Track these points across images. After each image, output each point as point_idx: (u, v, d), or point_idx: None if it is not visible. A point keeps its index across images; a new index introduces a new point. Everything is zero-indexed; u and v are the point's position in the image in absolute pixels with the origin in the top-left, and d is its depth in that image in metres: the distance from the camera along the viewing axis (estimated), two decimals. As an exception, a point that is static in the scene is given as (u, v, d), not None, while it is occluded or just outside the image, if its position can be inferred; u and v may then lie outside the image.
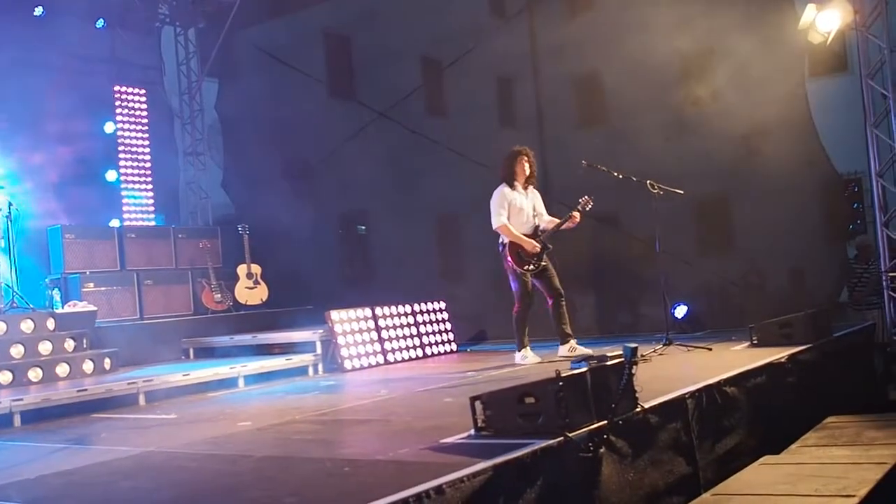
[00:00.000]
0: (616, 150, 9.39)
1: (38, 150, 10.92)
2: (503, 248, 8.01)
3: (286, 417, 5.85)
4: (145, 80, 13.46)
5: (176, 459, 4.69)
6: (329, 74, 13.15)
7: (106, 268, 10.88)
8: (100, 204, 12.19)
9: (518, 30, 11.41)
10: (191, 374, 8.06)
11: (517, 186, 8.11)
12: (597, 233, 10.45)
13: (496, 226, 8.00)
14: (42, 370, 8.04)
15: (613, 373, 4.47)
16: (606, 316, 10.69)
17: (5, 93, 11.32)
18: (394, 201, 11.67)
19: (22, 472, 4.63)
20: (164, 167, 13.49)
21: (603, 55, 10.22)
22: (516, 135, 11.34)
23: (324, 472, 3.99)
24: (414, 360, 9.62)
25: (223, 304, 11.41)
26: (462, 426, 4.56)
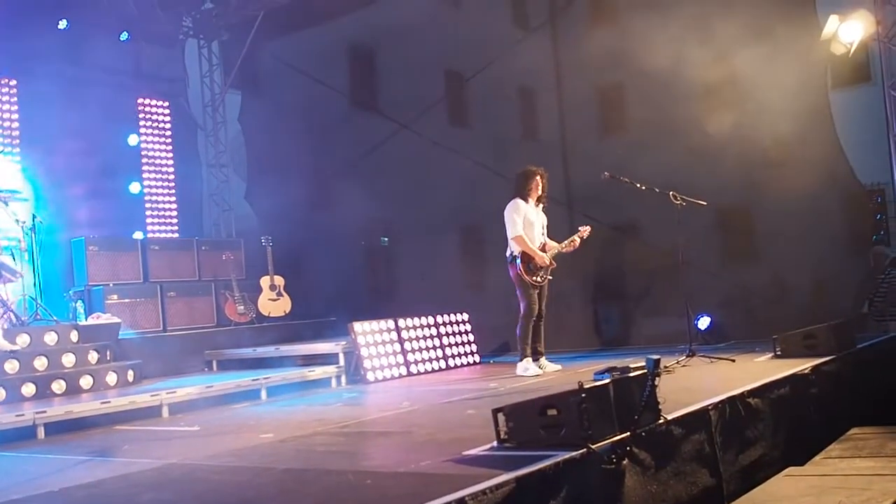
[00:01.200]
0: (638, 161, 9.35)
1: (62, 161, 11.03)
2: (514, 257, 8.23)
3: (309, 429, 5.85)
4: (169, 92, 13.56)
5: (198, 472, 4.70)
6: (352, 86, 13.21)
7: (129, 280, 10.95)
8: (123, 216, 12.28)
9: (540, 41, 11.42)
10: (214, 385, 8.09)
11: (530, 202, 8.35)
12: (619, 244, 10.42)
13: (512, 235, 8.21)
14: (65, 382, 8.08)
15: (636, 384, 4.44)
16: (629, 327, 10.63)
17: (30, 105, 11.46)
18: (416, 213, 11.68)
19: (45, 484, 4.65)
20: (187, 179, 13.59)
21: (625, 67, 10.20)
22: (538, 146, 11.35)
23: (346, 485, 3.98)
24: (437, 371, 9.61)
25: (246, 316, 11.45)
26: (485, 438, 4.54)
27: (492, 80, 11.53)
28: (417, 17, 11.79)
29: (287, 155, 12.90)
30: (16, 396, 7.64)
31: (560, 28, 11.38)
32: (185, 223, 13.37)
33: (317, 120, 12.69)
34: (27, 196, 10.49)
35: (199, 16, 13.97)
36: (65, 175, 11.03)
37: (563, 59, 11.32)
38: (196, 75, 14.12)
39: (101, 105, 11.78)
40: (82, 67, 11.79)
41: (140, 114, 13.08)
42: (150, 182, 13.03)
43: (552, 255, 8.32)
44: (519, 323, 8.26)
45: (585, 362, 8.74)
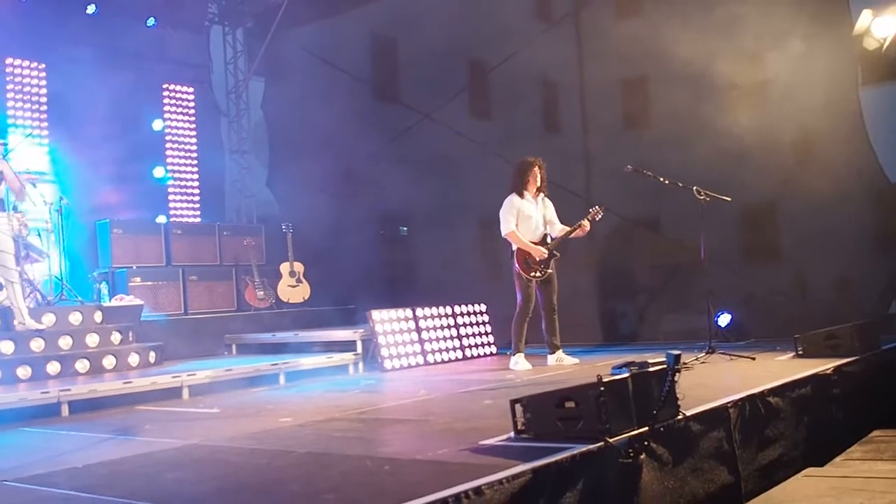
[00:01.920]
0: (661, 155, 9.31)
1: (88, 145, 11.13)
2: (512, 254, 8.26)
3: (326, 415, 5.90)
4: (194, 78, 13.66)
5: (218, 453, 4.75)
6: (374, 76, 13.23)
7: (152, 263, 11.07)
8: (147, 200, 12.40)
9: (564, 33, 11.37)
10: (233, 369, 8.17)
11: (527, 196, 8.30)
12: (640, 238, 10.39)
13: (505, 232, 8.25)
14: (89, 362, 8.20)
15: (655, 379, 4.43)
16: (648, 323, 10.60)
17: (57, 89, 11.58)
18: (436, 203, 11.70)
19: (69, 460, 4.72)
20: (210, 165, 13.68)
21: (650, 60, 10.14)
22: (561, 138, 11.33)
23: (364, 470, 4.02)
24: (454, 361, 9.64)
25: (266, 302, 11.54)
26: (501, 428, 4.56)
27: (514, 71, 11.50)
28: (440, 7, 11.78)
29: (309, 143, 12.95)
30: (41, 374, 7.77)
31: (584, 20, 11.33)
32: (208, 208, 13.47)
33: (339, 108, 12.73)
34: (54, 178, 10.62)
35: (224, 2, 14.05)
36: (90, 158, 11.13)
37: (586, 52, 11.27)
38: (220, 62, 14.20)
39: (126, 90, 11.87)
40: (109, 52, 11.87)
41: (165, 99, 13.19)
42: (174, 167, 13.13)
43: (554, 245, 8.26)
44: (514, 318, 8.27)
45: (603, 356, 8.74)
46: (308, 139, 13.01)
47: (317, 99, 13.07)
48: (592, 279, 10.97)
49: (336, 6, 12.97)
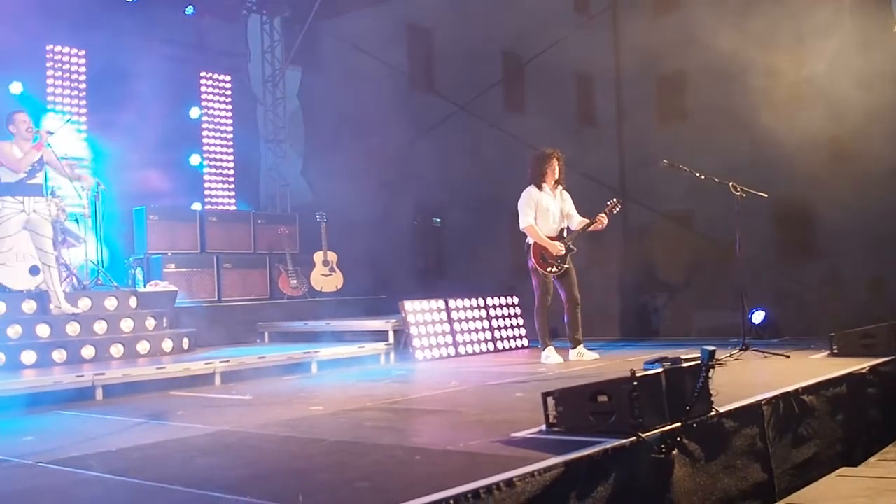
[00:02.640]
0: (697, 150, 9.23)
1: (125, 132, 11.24)
2: (528, 247, 8.19)
3: (358, 404, 5.92)
4: (231, 66, 13.74)
5: (250, 439, 4.78)
6: (410, 66, 13.23)
7: (187, 249, 11.16)
8: (183, 187, 12.51)
9: (601, 27, 11.30)
10: (266, 357, 8.22)
11: (545, 188, 8.23)
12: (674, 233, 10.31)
13: (523, 226, 8.18)
14: (124, 347, 8.29)
15: (689, 375, 4.40)
16: (682, 318, 10.53)
17: (96, 76, 11.72)
18: (469, 195, 11.69)
19: (103, 444, 4.78)
20: (245, 153, 13.78)
21: (687, 55, 10.05)
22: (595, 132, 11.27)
23: (395, 460, 4.03)
24: (485, 353, 9.64)
25: (299, 290, 11.60)
26: (533, 421, 4.55)
27: (550, 64, 11.45)
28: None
29: (344, 132, 12.99)
30: (76, 358, 7.87)
31: (621, 14, 11.25)
32: (243, 196, 13.57)
33: (374, 98, 12.75)
34: (92, 164, 10.75)
35: (263, -8, 14.10)
36: (128, 144, 11.25)
37: (623, 46, 11.19)
38: (258, 51, 14.28)
39: (164, 77, 11.96)
40: (148, 40, 11.99)
41: (202, 87, 13.29)
42: (210, 154, 13.24)
43: (571, 239, 8.20)
44: (534, 313, 8.25)
45: (635, 351, 8.69)
46: (343, 129, 13.05)
47: (352, 88, 13.11)
48: (624, 273, 10.91)
49: (373, -5, 13.00)
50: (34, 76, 11.26)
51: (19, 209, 8.01)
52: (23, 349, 7.64)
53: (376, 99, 12.70)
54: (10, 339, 7.77)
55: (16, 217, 8.02)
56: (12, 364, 7.49)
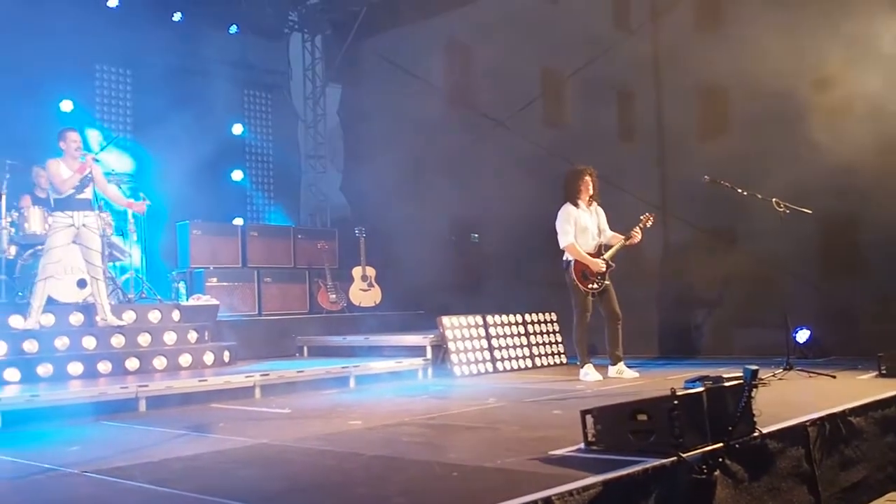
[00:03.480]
0: (740, 165, 9.13)
1: (170, 148, 11.46)
2: (568, 265, 8.14)
3: (396, 419, 5.93)
4: (273, 84, 13.96)
5: (289, 453, 4.81)
6: (449, 83, 13.28)
7: (229, 264, 11.30)
8: (225, 202, 12.69)
9: (641, 41, 11.23)
10: (305, 371, 8.27)
11: (580, 205, 8.22)
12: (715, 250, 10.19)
13: (564, 244, 8.14)
14: (166, 359, 8.40)
15: (731, 394, 4.34)
16: (723, 337, 10.38)
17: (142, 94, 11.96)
18: (508, 210, 11.66)
19: (146, 454, 4.84)
20: (286, 169, 13.94)
21: (729, 68, 9.94)
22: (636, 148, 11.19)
23: (432, 475, 4.02)
24: (523, 370, 9.61)
25: (338, 305, 11.67)
26: (571, 439, 4.52)
27: (590, 79, 11.41)
28: (516, 15, 11.77)
29: (383, 148, 13.07)
30: (120, 370, 8.00)
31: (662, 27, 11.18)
32: (283, 211, 13.72)
33: (413, 115, 12.82)
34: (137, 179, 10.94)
35: (304, 10, 14.31)
36: (172, 160, 11.46)
37: (663, 60, 11.12)
38: (299, 68, 14.48)
39: (208, 95, 12.20)
40: (192, 58, 12.23)
41: (244, 104, 13.47)
42: (252, 170, 13.40)
43: (610, 256, 8.16)
44: (573, 330, 8.22)
45: (675, 370, 8.59)
46: (382, 145, 13.13)
47: (392, 105, 13.19)
48: (664, 291, 10.80)
49: (413, 14, 13.08)
50: (84, 94, 11.53)
51: (68, 223, 8.15)
52: (70, 360, 7.79)
53: (415, 115, 12.76)
54: (58, 350, 7.93)
55: (65, 230, 8.15)
56: (60, 375, 7.63)
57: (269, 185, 13.77)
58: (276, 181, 13.83)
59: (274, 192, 13.81)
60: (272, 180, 13.79)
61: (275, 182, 13.82)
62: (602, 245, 8.25)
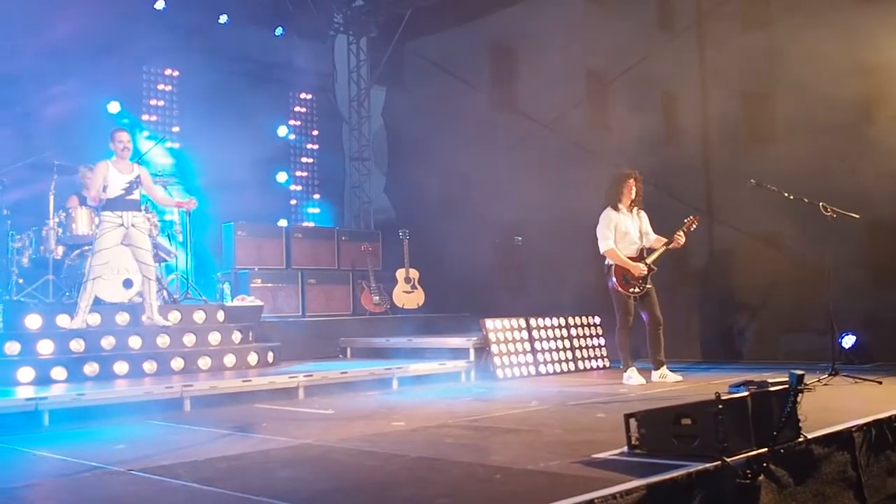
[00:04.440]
0: (786, 169, 9.00)
1: (215, 149, 11.61)
2: (609, 269, 8.14)
3: (438, 421, 5.94)
4: (318, 86, 14.05)
5: (333, 453, 4.85)
6: (493, 85, 13.27)
7: (273, 265, 11.41)
8: (270, 204, 12.81)
9: (686, 44, 11.13)
10: (348, 372, 8.33)
11: (622, 209, 8.20)
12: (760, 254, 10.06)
13: (603, 250, 8.15)
14: (211, 359, 8.50)
15: (776, 399, 4.29)
16: (767, 342, 10.24)
17: (189, 94, 12.15)
18: (551, 213, 11.62)
19: (191, 453, 4.91)
20: (331, 170, 14.04)
21: (776, 71, 9.83)
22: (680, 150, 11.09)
23: (475, 478, 4.03)
24: (566, 373, 9.57)
25: (381, 307, 11.73)
26: (614, 443, 4.50)
27: (634, 82, 11.33)
28: (560, 17, 11.74)
29: (427, 150, 13.10)
30: (166, 369, 8.11)
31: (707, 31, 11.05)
32: (327, 213, 13.83)
33: (457, 117, 12.84)
34: (183, 180, 11.11)
35: (349, 13, 14.41)
36: (217, 162, 11.60)
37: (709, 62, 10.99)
38: (344, 70, 14.57)
39: (253, 97, 12.35)
40: (238, 60, 12.37)
41: (290, 106, 13.60)
42: (296, 172, 13.53)
43: (652, 260, 8.12)
44: (616, 334, 8.20)
45: (719, 374, 8.50)
46: (426, 147, 13.17)
47: (436, 107, 13.22)
48: (708, 295, 10.68)
49: (457, 17, 13.11)
50: (131, 96, 11.72)
51: (117, 223, 8.24)
52: (116, 360, 7.92)
53: (459, 117, 12.77)
54: (104, 349, 8.07)
55: (113, 231, 8.25)
56: (106, 374, 7.77)
57: (314, 187, 13.88)
58: (321, 183, 13.94)
59: (318, 194, 13.91)
60: (317, 182, 13.91)
61: (319, 184, 13.93)
62: (645, 249, 8.21)
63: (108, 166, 8.28)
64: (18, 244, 9.13)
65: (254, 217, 11.88)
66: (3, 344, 7.75)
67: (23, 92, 10.27)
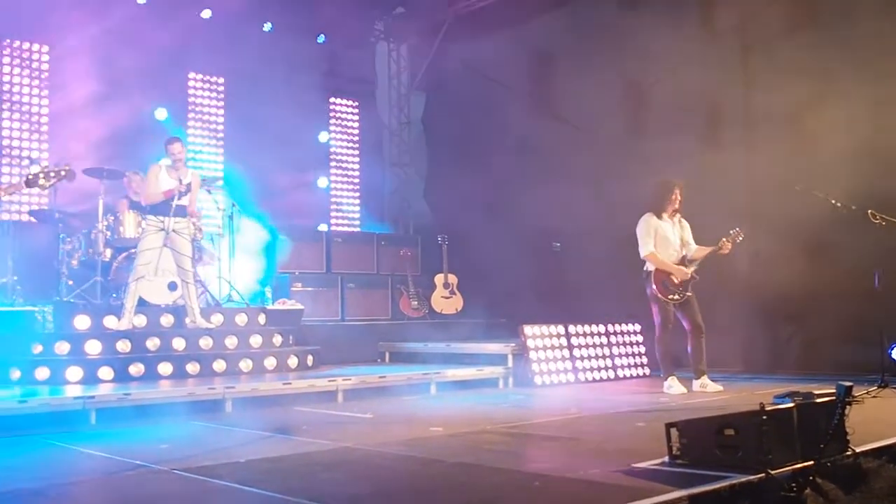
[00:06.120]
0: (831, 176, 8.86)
1: (257, 154, 11.75)
2: (648, 275, 8.05)
3: (477, 427, 5.94)
4: (358, 92, 14.16)
5: (371, 457, 4.87)
6: (532, 91, 13.24)
7: (313, 269, 11.49)
8: (311, 208, 12.93)
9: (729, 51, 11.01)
10: (387, 376, 8.36)
11: (664, 216, 8.12)
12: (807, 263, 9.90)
13: (644, 254, 8.07)
14: (252, 361, 8.59)
15: (822, 411, 4.22)
16: (812, 352, 10.07)
17: (233, 102, 12.30)
18: (591, 219, 11.56)
19: (232, 454, 4.96)
20: (370, 176, 14.12)
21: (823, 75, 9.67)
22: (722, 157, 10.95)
23: (514, 484, 4.02)
24: (605, 381, 9.51)
25: (419, 312, 11.75)
26: (654, 452, 4.46)
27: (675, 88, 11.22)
28: (601, 22, 11.68)
29: (466, 156, 13.11)
30: (208, 371, 8.21)
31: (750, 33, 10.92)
32: (367, 218, 13.90)
33: (496, 122, 12.82)
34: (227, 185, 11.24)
35: (390, 20, 14.49)
36: (260, 167, 11.73)
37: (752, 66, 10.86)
38: (384, 77, 14.63)
39: (296, 103, 12.47)
40: (281, 67, 12.50)
41: (331, 112, 13.72)
42: (337, 177, 13.63)
43: (693, 268, 8.03)
44: (655, 342, 8.12)
45: (762, 385, 8.39)
46: (465, 152, 13.18)
47: (475, 113, 13.22)
48: (751, 303, 10.52)
49: (497, 23, 13.10)
50: (177, 102, 11.90)
51: (159, 226, 8.40)
52: (160, 360, 8.04)
53: (498, 123, 12.76)
54: (149, 350, 8.19)
55: (156, 234, 8.40)
56: (150, 374, 7.89)
57: (354, 193, 13.96)
58: (361, 188, 14.02)
59: (358, 199, 14.00)
60: (357, 187, 13.99)
61: (359, 189, 14.02)
62: (686, 258, 8.12)
63: (160, 168, 8.42)
64: (68, 247, 9.32)
65: (295, 221, 11.98)
66: (54, 343, 7.91)
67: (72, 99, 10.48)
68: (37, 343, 7.95)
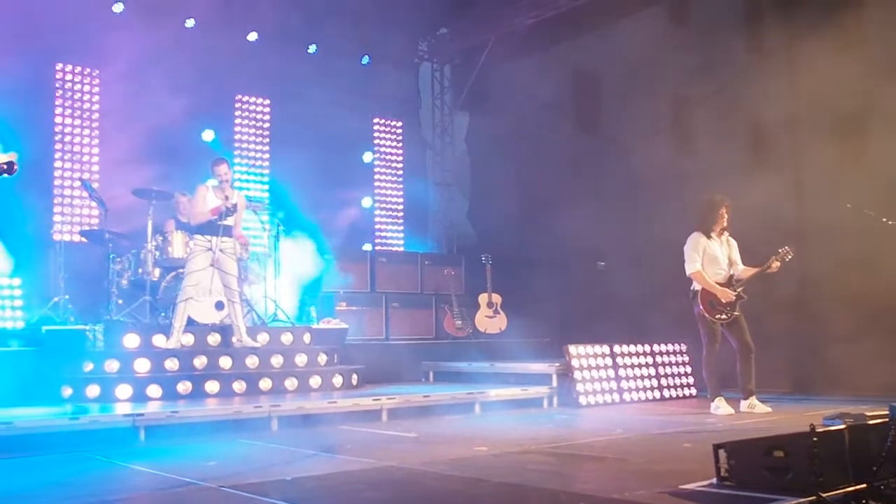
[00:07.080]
0: (882, 193, 8.71)
1: (302, 174, 11.88)
2: (695, 294, 7.99)
3: (521, 446, 5.92)
4: (402, 112, 14.28)
5: (416, 476, 4.87)
6: (576, 110, 13.23)
7: (358, 289, 11.56)
8: (355, 228, 13.03)
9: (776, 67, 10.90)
10: (431, 396, 8.36)
11: (712, 235, 8.06)
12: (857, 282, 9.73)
13: (690, 272, 8.02)
14: (297, 380, 8.67)
15: (874, 433, 4.14)
16: (863, 373, 9.86)
17: (279, 123, 12.48)
18: (636, 238, 11.48)
19: (279, 472, 5.01)
20: (414, 195, 14.20)
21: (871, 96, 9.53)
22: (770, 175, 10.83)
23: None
24: (651, 401, 9.41)
25: (463, 331, 11.76)
26: (702, 474, 4.41)
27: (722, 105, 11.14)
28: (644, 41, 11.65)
29: (509, 176, 13.12)
30: (254, 389, 8.31)
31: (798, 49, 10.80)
32: (411, 238, 13.96)
33: (540, 142, 12.82)
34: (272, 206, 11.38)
35: (434, 41, 14.61)
36: (305, 187, 11.87)
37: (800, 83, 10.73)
38: (428, 97, 14.74)
39: (340, 124, 12.62)
40: (326, 88, 12.68)
41: (375, 132, 13.85)
42: (381, 197, 13.73)
43: (741, 287, 7.93)
44: (702, 362, 8.03)
45: (810, 405, 8.25)
46: (509, 172, 13.19)
47: (519, 133, 13.25)
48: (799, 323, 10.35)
49: (541, 42, 13.14)
50: (224, 124, 12.11)
51: (206, 247, 8.55)
52: (207, 379, 8.15)
53: (542, 142, 12.76)
54: (197, 369, 8.30)
55: (203, 254, 8.56)
56: (198, 392, 7.99)
57: (398, 212, 14.05)
58: (405, 208, 14.11)
59: (402, 219, 14.08)
60: (401, 207, 14.08)
61: (403, 209, 14.11)
62: (733, 277, 8.03)
63: (207, 189, 8.57)
64: (118, 266, 9.50)
65: (340, 241, 12.09)
66: (104, 361, 8.07)
67: (121, 122, 10.71)
68: (87, 361, 8.12)
